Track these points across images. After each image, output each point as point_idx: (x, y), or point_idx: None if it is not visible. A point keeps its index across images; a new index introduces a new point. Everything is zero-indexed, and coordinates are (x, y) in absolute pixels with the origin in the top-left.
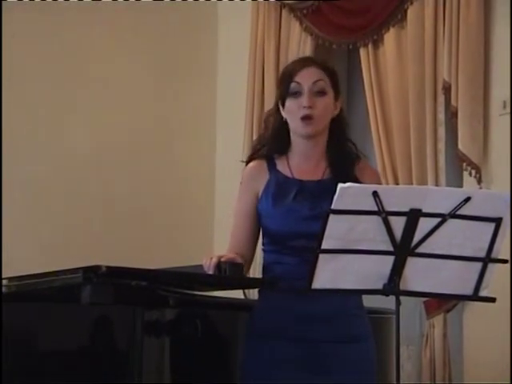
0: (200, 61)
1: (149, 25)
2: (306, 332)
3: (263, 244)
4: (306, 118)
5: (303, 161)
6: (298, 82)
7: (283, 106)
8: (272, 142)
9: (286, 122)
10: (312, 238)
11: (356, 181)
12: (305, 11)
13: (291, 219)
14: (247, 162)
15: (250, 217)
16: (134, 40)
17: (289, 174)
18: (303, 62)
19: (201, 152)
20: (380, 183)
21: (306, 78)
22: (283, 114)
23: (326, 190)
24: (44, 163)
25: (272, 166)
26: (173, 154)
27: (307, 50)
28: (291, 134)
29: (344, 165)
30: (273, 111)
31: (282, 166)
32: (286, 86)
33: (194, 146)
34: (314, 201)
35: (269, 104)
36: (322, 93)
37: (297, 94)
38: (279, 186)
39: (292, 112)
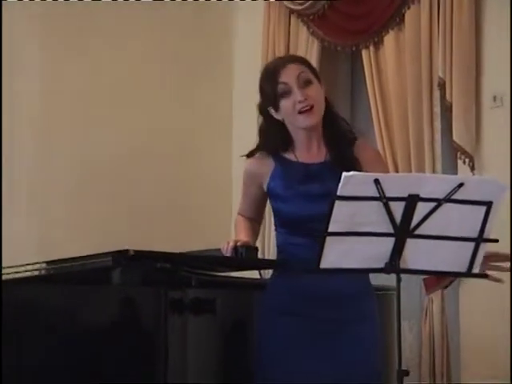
0: (216, 64)
1: (168, 30)
2: (318, 310)
3: (275, 225)
4: (305, 111)
5: (306, 148)
6: (283, 82)
7: (277, 109)
8: (274, 142)
9: (281, 123)
10: (323, 219)
11: (355, 161)
12: (311, 17)
13: (303, 202)
14: (248, 156)
15: (256, 201)
16: (153, 45)
17: (293, 159)
18: (280, 62)
19: (219, 146)
20: (381, 160)
21: (290, 75)
22: (278, 116)
23: (330, 170)
24: (81, 161)
25: (276, 155)
26: (193, 150)
27: (314, 51)
28: (291, 131)
29: (342, 146)
30: (262, 115)
31: (286, 153)
32: (273, 90)
33: (213, 141)
34: (321, 182)
35: None
36: (308, 82)
37: (287, 93)
38: (286, 171)
39: (289, 110)
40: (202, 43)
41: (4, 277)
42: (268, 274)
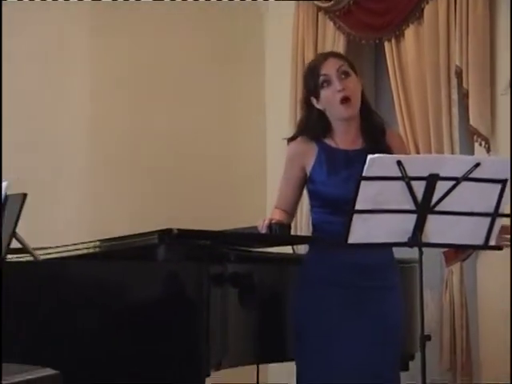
0: (250, 56)
1: (207, 25)
2: (351, 279)
3: (312, 205)
4: (345, 101)
5: (344, 135)
6: (324, 74)
7: (318, 98)
8: (315, 128)
9: (322, 112)
10: None
11: (388, 148)
12: (337, 13)
13: (346, 186)
14: (291, 140)
15: (295, 186)
16: (193, 41)
17: (335, 145)
18: (322, 57)
19: (254, 134)
20: (404, 144)
21: (330, 67)
22: (319, 106)
23: (367, 156)
24: (128, 145)
25: (318, 140)
26: (231, 137)
27: (340, 45)
28: (331, 120)
29: (377, 136)
30: (305, 105)
31: (327, 140)
32: (315, 81)
33: (249, 129)
34: (360, 167)
35: None
36: (346, 74)
37: (327, 84)
38: (329, 157)
39: (329, 99)
40: (236, 40)
41: (59, 254)
42: (300, 249)
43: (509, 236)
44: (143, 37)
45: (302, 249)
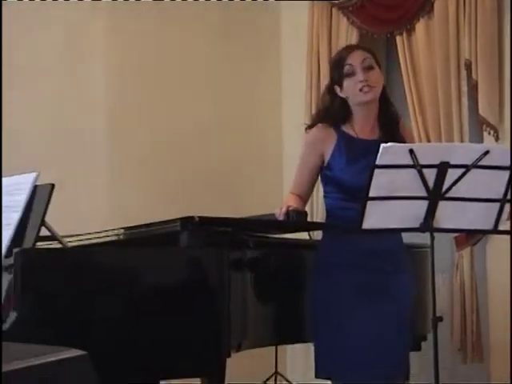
0: (267, 53)
1: (225, 24)
2: (365, 263)
3: (327, 192)
4: (365, 90)
5: (363, 124)
6: (350, 64)
7: (341, 87)
8: (336, 115)
9: (343, 100)
10: None
11: (402, 139)
12: (350, 8)
13: (363, 175)
14: (310, 127)
15: (312, 172)
16: (214, 39)
17: (354, 135)
18: (349, 48)
19: (271, 122)
20: (413, 136)
21: (356, 59)
22: (342, 94)
23: None
24: (150, 135)
25: (338, 128)
26: (248, 128)
27: (353, 39)
28: (352, 108)
29: (393, 127)
30: (328, 93)
31: (346, 128)
32: (340, 70)
33: (266, 119)
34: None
35: (324, 83)
36: (370, 67)
37: (351, 74)
38: (348, 145)
39: (351, 89)
40: (253, 38)
41: (87, 241)
42: (316, 235)
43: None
44: (164, 36)
45: (318, 235)
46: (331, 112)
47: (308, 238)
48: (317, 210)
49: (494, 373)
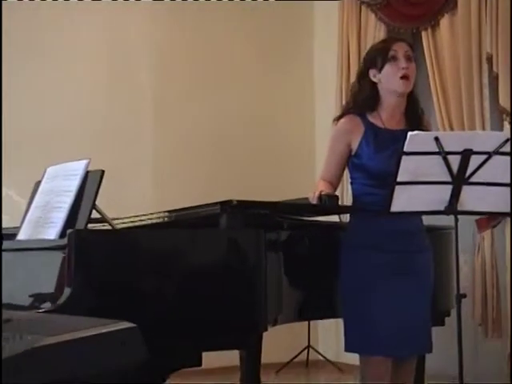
0: (301, 50)
1: (260, 19)
2: (390, 244)
3: (354, 178)
4: (405, 78)
5: (391, 115)
6: (395, 50)
7: (380, 70)
8: (364, 101)
9: (374, 86)
10: None
11: (425, 128)
12: (378, 5)
13: (390, 162)
14: (338, 119)
15: (341, 160)
16: (250, 35)
17: (381, 125)
18: (394, 39)
19: (304, 114)
20: (432, 129)
21: (400, 48)
22: (376, 78)
23: None
24: (191, 125)
25: (365, 119)
26: (285, 119)
27: (381, 35)
28: (382, 93)
29: (418, 120)
30: (358, 80)
31: (373, 119)
32: (384, 54)
33: (299, 110)
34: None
35: (354, 75)
36: (410, 59)
37: (394, 59)
38: (376, 136)
39: (391, 74)
40: (288, 36)
41: (133, 224)
42: (345, 218)
43: None
44: (206, 32)
45: (347, 217)
46: (360, 98)
47: (338, 220)
48: (346, 194)
49: None
